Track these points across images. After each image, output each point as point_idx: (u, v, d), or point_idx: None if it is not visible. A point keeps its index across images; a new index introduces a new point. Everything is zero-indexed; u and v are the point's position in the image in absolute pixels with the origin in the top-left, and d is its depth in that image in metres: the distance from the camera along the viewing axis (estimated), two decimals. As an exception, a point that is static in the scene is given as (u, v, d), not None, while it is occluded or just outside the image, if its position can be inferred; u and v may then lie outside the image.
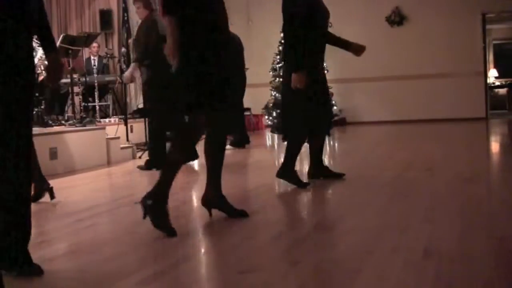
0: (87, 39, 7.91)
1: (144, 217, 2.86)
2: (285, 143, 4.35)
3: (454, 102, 11.73)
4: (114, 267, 2.34)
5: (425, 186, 4.01)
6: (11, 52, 2.13)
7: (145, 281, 2.12)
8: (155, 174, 5.41)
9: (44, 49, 2.39)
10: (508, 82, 15.72)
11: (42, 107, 7.09)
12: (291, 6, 4.08)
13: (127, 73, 6.07)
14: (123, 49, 8.16)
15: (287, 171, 4.15)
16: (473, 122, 11.12)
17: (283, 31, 4.15)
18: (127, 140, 7.10)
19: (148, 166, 5.65)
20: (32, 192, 3.28)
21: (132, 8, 7.00)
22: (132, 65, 5.95)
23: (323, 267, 2.19)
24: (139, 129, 7.65)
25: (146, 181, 5.09)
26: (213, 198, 3.14)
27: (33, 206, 3.71)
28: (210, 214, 3.16)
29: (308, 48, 4.05)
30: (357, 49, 4.30)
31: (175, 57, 2.94)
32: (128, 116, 7.47)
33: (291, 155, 4.18)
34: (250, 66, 9.01)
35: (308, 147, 4.43)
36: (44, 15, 2.34)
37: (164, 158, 5.67)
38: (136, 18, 7.19)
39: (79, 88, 8.54)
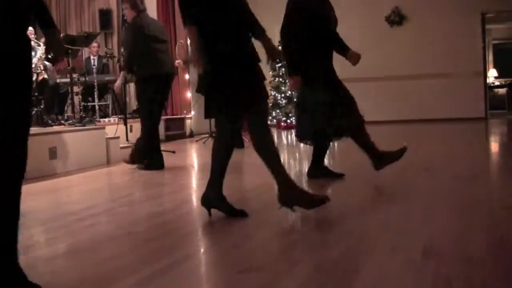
0: (86, 39, 7.91)
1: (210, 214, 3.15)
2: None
3: (454, 102, 11.73)
4: (114, 266, 2.33)
5: (424, 186, 4.01)
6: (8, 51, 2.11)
7: (145, 280, 2.11)
8: (155, 174, 5.43)
9: (42, 26, 2.33)
10: (508, 82, 15.74)
11: (42, 106, 7.09)
12: (288, 10, 4.11)
13: (117, 83, 6.05)
14: (123, 49, 8.16)
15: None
16: (472, 122, 11.13)
17: (280, 33, 4.18)
18: (127, 139, 7.10)
19: (146, 167, 5.64)
20: None
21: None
22: (121, 73, 5.93)
23: (323, 267, 2.18)
24: (138, 129, 7.63)
25: (146, 181, 5.09)
26: (213, 198, 3.14)
27: (33, 206, 3.72)
28: (210, 214, 3.17)
29: (307, 51, 4.08)
30: (352, 57, 4.30)
31: (199, 64, 2.97)
32: (128, 115, 7.46)
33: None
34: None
35: (309, 146, 4.47)
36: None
37: (160, 157, 5.72)
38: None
39: (78, 87, 8.54)
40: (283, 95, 11.55)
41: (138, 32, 5.48)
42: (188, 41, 2.94)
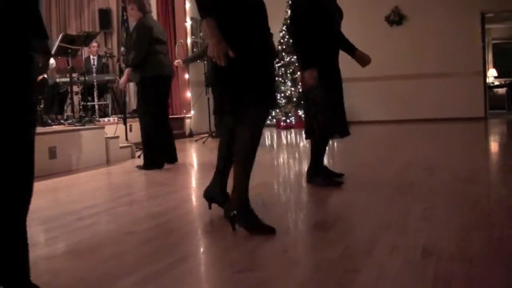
0: (86, 39, 7.91)
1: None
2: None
3: (453, 101, 11.74)
4: (113, 266, 2.33)
5: (424, 185, 4.01)
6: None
7: (145, 280, 2.12)
8: (155, 174, 5.43)
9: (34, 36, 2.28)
10: (507, 81, 15.75)
11: (42, 106, 7.09)
12: (294, 6, 4.11)
13: (122, 80, 6.05)
14: (122, 49, 8.15)
15: (316, 171, 4.24)
16: (472, 121, 11.13)
17: (290, 30, 4.18)
18: (126, 139, 7.10)
19: (145, 166, 5.65)
20: None
21: (132, 8, 6.96)
22: (126, 70, 5.93)
23: (323, 267, 2.18)
24: (138, 129, 7.63)
25: (145, 181, 5.10)
26: (216, 194, 3.14)
27: (33, 206, 3.71)
28: (210, 207, 3.18)
29: (315, 47, 4.07)
30: (361, 58, 4.30)
31: (223, 57, 2.66)
32: (127, 115, 7.46)
33: (315, 154, 4.27)
34: (250, 66, 8.99)
35: (309, 146, 4.47)
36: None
37: (159, 157, 5.72)
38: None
39: (78, 87, 8.55)
40: (282, 95, 11.55)
41: (146, 33, 5.54)
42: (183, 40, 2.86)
